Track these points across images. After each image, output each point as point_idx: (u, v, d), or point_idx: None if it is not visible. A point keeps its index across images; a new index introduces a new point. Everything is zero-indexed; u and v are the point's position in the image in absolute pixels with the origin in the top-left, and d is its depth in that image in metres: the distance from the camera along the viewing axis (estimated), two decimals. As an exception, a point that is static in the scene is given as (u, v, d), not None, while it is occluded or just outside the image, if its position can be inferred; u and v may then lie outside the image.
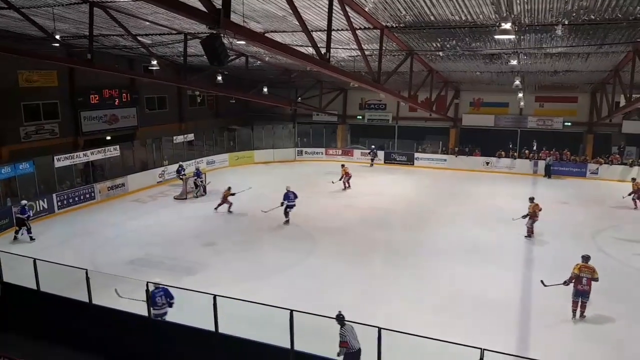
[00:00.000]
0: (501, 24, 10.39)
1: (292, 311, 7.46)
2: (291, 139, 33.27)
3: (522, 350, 9.52)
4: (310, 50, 10.98)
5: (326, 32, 10.37)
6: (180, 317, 8.50)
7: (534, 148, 28.20)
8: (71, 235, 16.85)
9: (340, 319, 8.19)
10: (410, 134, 31.84)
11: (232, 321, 8.48)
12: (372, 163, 30.84)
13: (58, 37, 16.02)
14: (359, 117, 33.55)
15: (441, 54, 17.16)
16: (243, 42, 13.42)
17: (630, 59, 15.02)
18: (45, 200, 18.61)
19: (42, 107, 21.49)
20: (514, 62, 16.88)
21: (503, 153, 28.87)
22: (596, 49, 15.12)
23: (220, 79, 24.02)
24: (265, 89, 27.10)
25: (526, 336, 10.29)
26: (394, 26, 13.30)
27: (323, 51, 10.38)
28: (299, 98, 30.44)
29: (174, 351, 8.49)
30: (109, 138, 24.49)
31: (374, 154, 30.93)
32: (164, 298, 9.54)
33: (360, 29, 13.40)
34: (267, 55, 21.31)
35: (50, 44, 17.25)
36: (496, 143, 29.18)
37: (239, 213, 19.28)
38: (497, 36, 11.90)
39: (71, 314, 9.47)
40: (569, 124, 28.62)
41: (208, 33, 7.33)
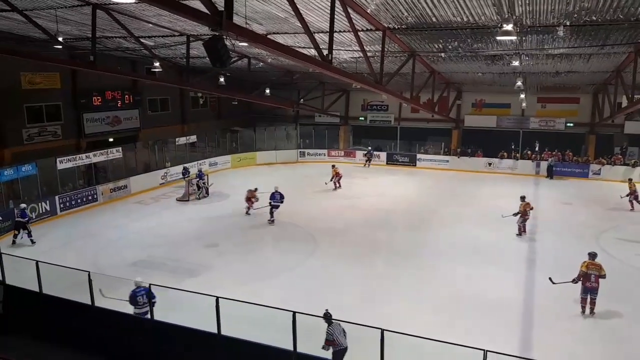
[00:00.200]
0: (503, 25, 10.42)
1: (294, 313, 7.46)
2: (293, 140, 33.27)
3: (524, 350, 9.50)
4: (312, 52, 11.01)
5: (328, 34, 10.40)
6: (182, 319, 8.49)
7: (536, 149, 28.14)
8: (73, 237, 16.87)
9: (328, 317, 8.27)
10: (412, 135, 31.83)
11: (234, 323, 8.48)
12: (369, 164, 30.91)
13: (61, 39, 16.07)
14: (361, 118, 33.57)
15: (443, 55, 17.18)
16: (245, 44, 13.44)
17: (632, 60, 15.00)
18: (47, 202, 18.64)
19: (45, 109, 21.58)
20: (515, 63, 16.89)
21: (505, 154, 28.85)
22: (598, 50, 15.11)
23: (222, 80, 24.08)
24: (267, 91, 27.14)
25: (528, 336, 10.28)
26: (396, 27, 13.32)
27: (325, 53, 10.40)
28: (301, 99, 30.46)
29: (176, 353, 8.49)
30: (111, 140, 24.57)
31: (370, 155, 31.03)
32: (145, 297, 9.57)
33: (362, 30, 13.42)
34: (270, 57, 21.35)
35: (53, 46, 17.31)
36: (498, 144, 29.17)
37: (240, 214, 19.28)
38: (499, 37, 11.94)
39: (73, 316, 9.48)
40: (571, 124, 28.58)
41: (210, 35, 7.36)
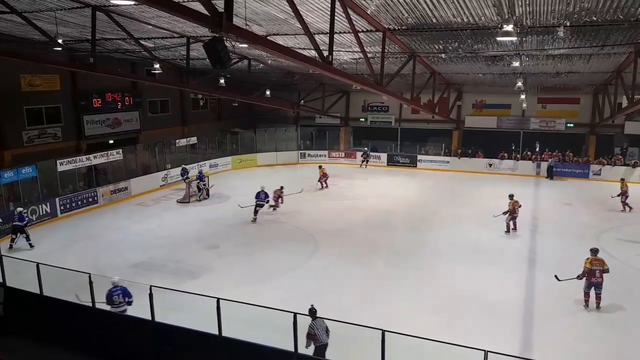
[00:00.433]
0: (503, 26, 10.41)
1: (295, 314, 7.45)
2: (294, 141, 33.26)
3: (525, 350, 9.49)
4: (312, 53, 11.01)
5: (328, 35, 10.40)
6: (183, 320, 8.48)
7: (537, 149, 28.14)
8: (74, 239, 16.85)
9: (313, 312, 8.36)
10: (412, 136, 31.82)
11: (235, 324, 8.47)
12: (366, 164, 31.01)
13: (60, 41, 16.06)
14: (361, 119, 33.57)
15: (443, 56, 17.18)
16: (245, 45, 13.43)
17: (632, 60, 15.00)
18: (48, 204, 18.64)
19: (45, 111, 21.58)
20: (516, 64, 16.88)
21: (506, 155, 28.84)
22: (598, 51, 15.11)
23: (222, 82, 24.06)
24: (267, 92, 27.17)
25: (528, 336, 10.26)
26: (396, 28, 13.32)
27: (325, 54, 10.40)
28: (302, 101, 30.49)
29: (177, 354, 8.48)
30: (111, 142, 24.56)
31: (366, 155, 31.11)
32: (121, 297, 9.60)
33: (362, 31, 13.41)
34: (270, 58, 21.34)
35: (53, 48, 17.30)
36: (499, 145, 29.18)
37: (240, 215, 19.26)
38: (499, 38, 11.95)
39: (74, 318, 9.47)
40: (572, 125, 28.58)
41: (210, 36, 7.37)
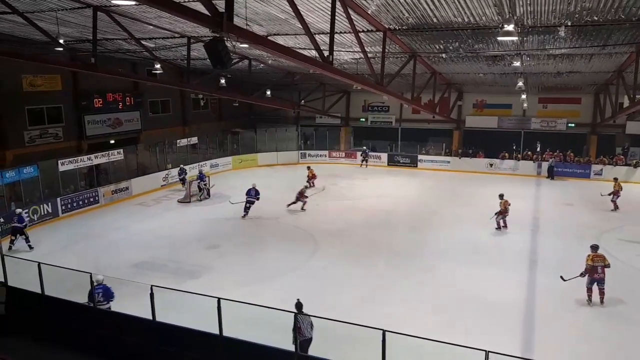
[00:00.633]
0: (504, 26, 10.40)
1: (296, 314, 7.46)
2: (294, 141, 33.28)
3: (526, 351, 9.49)
4: (313, 53, 11.01)
5: (329, 35, 10.40)
6: (184, 320, 8.49)
7: (538, 149, 28.12)
8: (75, 239, 16.87)
9: (299, 306, 8.43)
10: (413, 136, 31.82)
11: (235, 324, 8.48)
12: (367, 164, 31.01)
13: (62, 41, 16.10)
14: (362, 119, 33.57)
15: (444, 55, 17.18)
16: (246, 45, 13.44)
17: (634, 60, 14.98)
18: (49, 204, 18.67)
19: (46, 111, 21.62)
20: (517, 64, 16.86)
21: (507, 154, 28.83)
22: (599, 50, 15.10)
23: (223, 82, 24.09)
24: (268, 92, 27.18)
25: (529, 337, 10.25)
26: (396, 28, 13.32)
27: (326, 54, 10.40)
28: (302, 101, 30.50)
29: (178, 354, 8.48)
30: (112, 142, 24.60)
31: (365, 155, 31.11)
32: (101, 296, 9.58)
33: (362, 31, 13.42)
34: (270, 58, 21.35)
35: (54, 48, 17.33)
36: (499, 145, 29.18)
37: (240, 216, 19.27)
38: (500, 38, 11.94)
39: (75, 318, 9.49)
40: (573, 125, 28.55)
41: (211, 36, 7.37)
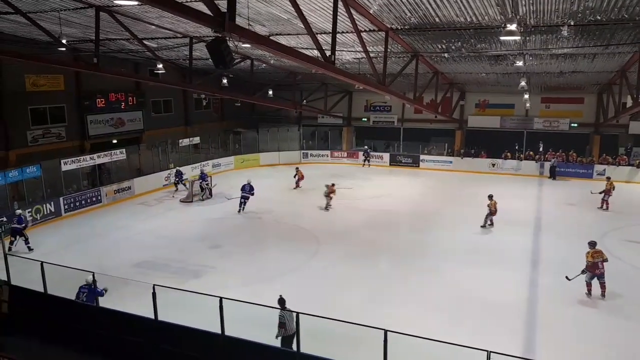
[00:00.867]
0: (507, 25, 10.38)
1: (298, 313, 7.45)
2: (296, 141, 33.28)
3: (528, 351, 9.48)
4: (315, 53, 11.01)
5: (331, 35, 10.40)
6: (186, 319, 8.50)
7: (540, 149, 28.07)
8: (78, 238, 16.90)
9: (282, 302, 8.56)
10: (415, 135, 31.80)
11: (237, 323, 8.49)
12: (369, 164, 30.97)
13: (64, 41, 16.12)
14: (364, 119, 33.55)
15: (446, 55, 17.17)
16: (248, 45, 13.47)
17: (637, 60, 14.98)
18: (52, 203, 18.71)
19: (49, 111, 21.66)
20: (519, 63, 16.84)
21: (509, 154, 28.78)
22: (602, 50, 15.07)
23: (225, 82, 24.12)
24: (270, 92, 27.21)
25: (531, 337, 10.24)
26: (398, 28, 13.31)
27: (328, 53, 10.40)
28: (304, 100, 30.51)
29: (180, 353, 8.49)
30: (115, 141, 24.64)
31: (367, 154, 31.08)
32: (85, 296, 9.62)
33: (365, 31, 13.42)
34: (272, 58, 21.38)
35: (57, 48, 17.37)
36: (502, 145, 29.12)
37: (243, 215, 19.29)
38: (502, 37, 11.89)
39: (78, 317, 9.51)
40: (576, 125, 28.48)
41: (213, 36, 7.39)
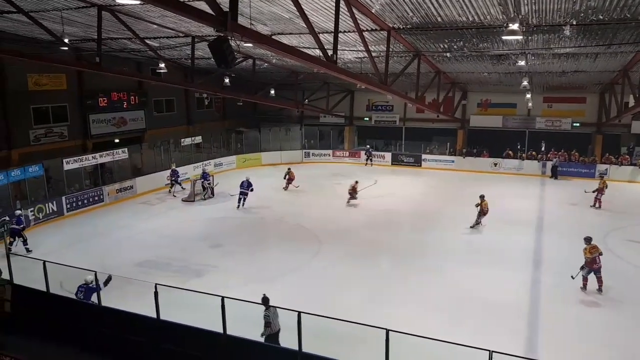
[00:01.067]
0: (509, 25, 10.37)
1: (299, 313, 7.45)
2: (298, 140, 33.28)
3: (530, 351, 9.48)
4: (317, 52, 11.00)
5: (333, 34, 10.39)
6: (188, 318, 8.52)
7: (542, 149, 28.02)
8: (80, 237, 16.95)
9: (265, 301, 8.60)
10: (417, 135, 31.75)
11: (239, 323, 8.51)
12: (371, 163, 30.94)
13: (67, 40, 16.16)
14: (365, 118, 33.51)
15: (448, 55, 17.14)
16: (250, 45, 13.46)
17: (639, 59, 14.92)
18: (54, 202, 18.75)
19: (51, 110, 21.71)
20: (521, 63, 16.81)
21: (511, 152, 28.73)
22: (605, 49, 15.02)
23: (227, 81, 24.13)
24: (272, 91, 27.18)
25: (533, 337, 10.24)
26: (400, 27, 13.29)
27: (330, 53, 10.40)
28: (306, 100, 30.47)
29: (182, 352, 8.51)
30: (117, 141, 24.68)
31: (369, 154, 31.07)
32: (81, 295, 9.69)
33: (367, 30, 13.41)
34: (274, 58, 21.37)
35: (59, 48, 17.41)
36: (504, 144, 29.07)
37: (244, 215, 19.31)
38: (504, 37, 11.88)
39: (80, 316, 9.53)
40: (578, 124, 28.41)
41: (215, 36, 7.38)
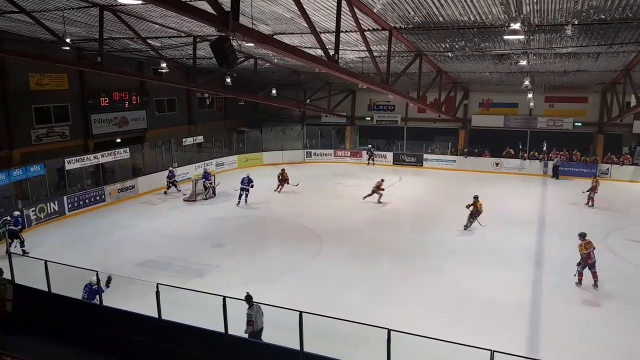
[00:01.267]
0: (510, 24, 10.37)
1: (301, 312, 7.45)
2: (300, 140, 33.30)
3: (531, 351, 9.47)
4: (318, 52, 11.00)
5: (334, 34, 10.39)
6: (189, 318, 8.52)
7: (544, 149, 27.99)
8: (82, 237, 16.97)
9: (249, 299, 8.65)
10: (419, 135, 31.74)
11: (241, 322, 8.51)
12: (373, 162, 30.92)
13: (68, 40, 16.16)
14: (367, 118, 33.52)
15: (450, 54, 17.12)
16: (252, 45, 13.47)
17: (641, 59, 14.92)
18: (56, 202, 18.77)
19: (53, 110, 21.74)
20: (523, 63, 16.78)
21: (512, 151, 28.70)
22: (606, 49, 15.00)
23: (229, 81, 24.16)
24: (273, 91, 27.19)
25: (533, 337, 10.23)
26: (402, 27, 13.28)
27: (331, 53, 10.39)
28: (308, 100, 30.50)
29: (184, 352, 8.51)
30: (118, 140, 24.71)
31: (371, 153, 31.05)
32: (86, 294, 9.71)
33: (368, 30, 13.40)
34: (276, 57, 21.36)
35: (61, 48, 17.43)
36: (506, 144, 29.08)
37: (246, 215, 19.32)
38: (506, 36, 11.89)
39: (82, 316, 9.54)
40: (579, 124, 28.38)
41: (217, 36, 7.38)
